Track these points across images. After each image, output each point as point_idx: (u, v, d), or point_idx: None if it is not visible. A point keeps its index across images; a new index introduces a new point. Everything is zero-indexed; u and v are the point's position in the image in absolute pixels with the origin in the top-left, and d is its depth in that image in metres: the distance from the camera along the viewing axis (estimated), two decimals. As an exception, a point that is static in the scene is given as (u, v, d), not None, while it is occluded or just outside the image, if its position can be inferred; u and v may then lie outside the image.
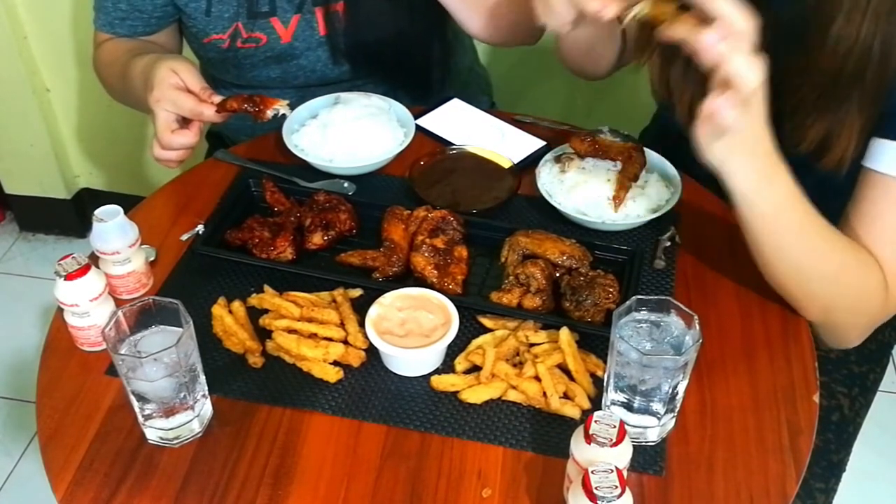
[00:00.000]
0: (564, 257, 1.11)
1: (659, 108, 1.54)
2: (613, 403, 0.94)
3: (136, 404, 0.92)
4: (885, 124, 1.02)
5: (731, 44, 0.84)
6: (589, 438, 0.82)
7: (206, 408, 0.97)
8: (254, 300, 1.10)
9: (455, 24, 1.44)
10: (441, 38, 1.46)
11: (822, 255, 1.01)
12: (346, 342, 1.04)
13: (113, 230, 1.07)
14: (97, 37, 1.50)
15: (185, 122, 1.24)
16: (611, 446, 0.82)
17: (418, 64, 1.54)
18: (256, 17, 1.41)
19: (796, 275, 1.04)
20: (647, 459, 0.93)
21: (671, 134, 1.37)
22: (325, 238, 1.18)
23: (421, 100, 1.51)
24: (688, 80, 1.18)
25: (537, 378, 0.99)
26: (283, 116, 1.27)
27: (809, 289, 1.05)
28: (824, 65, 1.03)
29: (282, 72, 1.47)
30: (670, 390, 0.90)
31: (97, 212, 1.07)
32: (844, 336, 1.11)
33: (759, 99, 0.90)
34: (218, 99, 1.22)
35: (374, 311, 1.03)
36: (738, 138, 0.92)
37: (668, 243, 1.20)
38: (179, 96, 1.21)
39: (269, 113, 1.23)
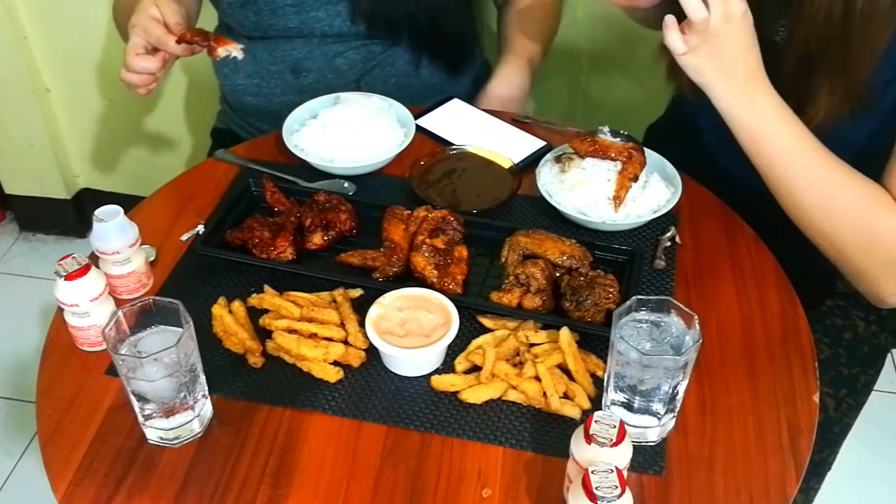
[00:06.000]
0: (564, 257, 1.11)
1: (671, 104, 1.55)
2: (613, 403, 0.94)
3: (136, 404, 0.92)
4: None
5: None
6: (589, 438, 0.82)
7: (206, 408, 0.97)
8: (254, 300, 1.10)
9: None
10: (471, 13, 1.46)
11: (818, 179, 1.05)
12: (346, 342, 1.04)
13: (113, 230, 1.07)
14: None
15: (155, 51, 1.28)
16: (611, 446, 0.82)
17: (445, 36, 1.56)
18: None
19: (793, 199, 1.07)
20: (647, 459, 0.93)
21: (679, 132, 1.37)
22: (326, 238, 1.18)
23: (450, 71, 1.53)
24: None
25: (537, 378, 0.99)
26: (235, 59, 1.28)
27: (813, 219, 1.07)
28: (796, 41, 1.09)
29: (300, 22, 1.48)
30: (670, 390, 0.90)
31: (97, 212, 1.07)
32: (875, 287, 1.09)
33: (737, 27, 0.99)
34: (179, 32, 1.26)
35: (374, 311, 1.03)
36: (712, 60, 1.02)
37: (668, 243, 1.20)
38: (151, 24, 1.26)
39: (221, 51, 1.26)
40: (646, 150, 1.27)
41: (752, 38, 1.02)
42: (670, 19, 1.02)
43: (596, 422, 0.83)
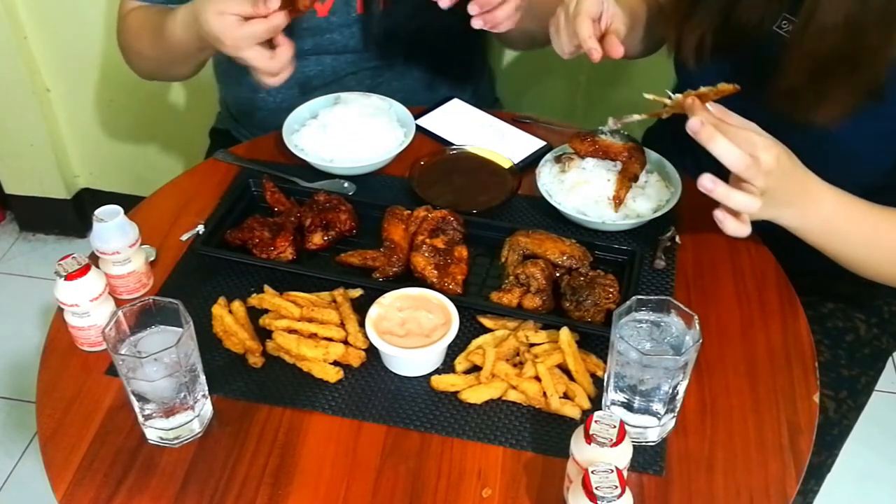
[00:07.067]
0: (564, 257, 1.11)
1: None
2: (613, 403, 0.94)
3: (136, 404, 0.92)
4: None
5: (724, 191, 0.96)
6: (589, 438, 0.82)
7: (206, 408, 0.97)
8: (254, 300, 1.10)
9: None
10: (481, 34, 1.46)
11: (886, 242, 1.08)
12: (346, 342, 1.04)
13: (113, 230, 1.07)
14: (123, 7, 1.48)
15: (269, 42, 1.21)
16: (611, 446, 0.82)
17: (457, 56, 1.55)
18: None
19: (863, 266, 1.11)
20: (647, 459, 0.93)
21: (679, 132, 1.37)
22: (325, 238, 1.18)
23: (456, 84, 1.53)
24: (698, 19, 1.22)
25: (537, 378, 0.99)
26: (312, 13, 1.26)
27: (891, 275, 1.12)
28: (806, 45, 1.09)
29: (314, 44, 1.48)
30: (670, 390, 0.90)
31: (97, 212, 1.07)
32: None
33: (778, 173, 0.97)
34: (274, 4, 1.16)
35: (374, 311, 1.03)
36: (773, 205, 1.00)
37: (668, 243, 1.20)
38: (248, 29, 1.18)
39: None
40: (646, 150, 1.27)
41: (793, 166, 1.01)
42: (721, 214, 1.00)
43: (596, 422, 0.83)
